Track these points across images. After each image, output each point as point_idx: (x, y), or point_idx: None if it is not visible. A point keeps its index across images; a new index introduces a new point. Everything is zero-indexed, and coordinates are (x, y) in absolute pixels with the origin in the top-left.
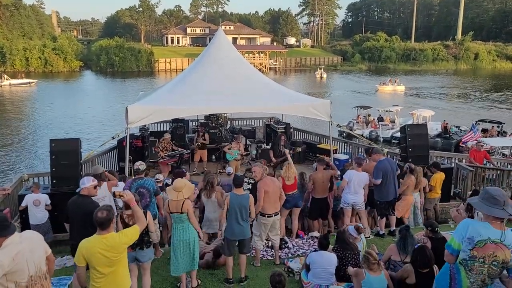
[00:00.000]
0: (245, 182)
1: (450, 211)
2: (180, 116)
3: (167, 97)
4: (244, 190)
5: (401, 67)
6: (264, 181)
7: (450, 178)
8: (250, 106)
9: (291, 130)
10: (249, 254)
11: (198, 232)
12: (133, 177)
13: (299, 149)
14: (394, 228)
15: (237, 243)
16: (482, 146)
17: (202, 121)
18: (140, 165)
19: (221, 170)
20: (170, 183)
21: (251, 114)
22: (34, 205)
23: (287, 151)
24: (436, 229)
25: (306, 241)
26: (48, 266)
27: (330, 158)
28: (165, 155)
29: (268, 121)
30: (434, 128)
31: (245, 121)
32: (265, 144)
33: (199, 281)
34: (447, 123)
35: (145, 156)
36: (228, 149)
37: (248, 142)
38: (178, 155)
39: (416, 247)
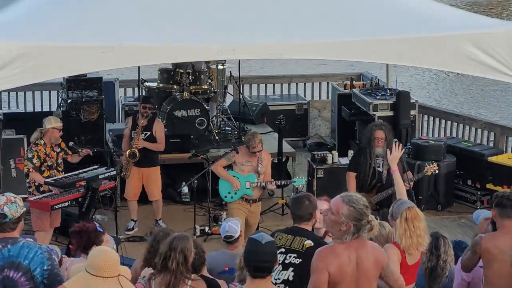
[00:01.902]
0: (280, 254)
1: None
2: (95, 68)
3: (54, 15)
4: (275, 282)
5: None
6: (331, 250)
7: None
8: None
9: (412, 114)
10: None
11: None
12: None
13: (433, 169)
14: None
15: None
16: None
17: (153, 85)
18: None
19: (204, 229)
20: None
21: (303, 66)
22: None
23: (409, 174)
24: None
25: None
26: None
27: None
28: (46, 181)
29: (342, 85)
30: None
31: (278, 86)
32: (335, 149)
33: None
34: None
35: None
36: (226, 165)
37: (287, 146)
38: (85, 183)
39: None
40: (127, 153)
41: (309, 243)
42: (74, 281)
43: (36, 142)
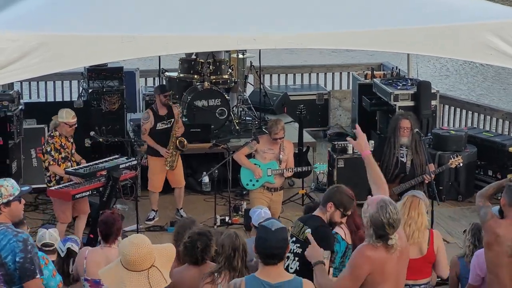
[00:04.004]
0: (292, 243)
1: None
2: (115, 58)
3: (74, 5)
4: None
5: None
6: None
7: None
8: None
9: (433, 104)
10: None
11: None
12: None
13: (458, 162)
14: None
15: None
16: None
17: (174, 75)
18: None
19: (224, 219)
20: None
21: (321, 56)
22: None
23: (429, 166)
24: None
25: None
26: None
27: None
28: (67, 171)
29: (363, 75)
30: None
31: (298, 76)
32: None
33: None
34: None
35: (10, 172)
36: (247, 154)
37: (307, 136)
38: (106, 173)
39: None
40: (175, 143)
41: (308, 231)
42: (108, 273)
43: (52, 134)
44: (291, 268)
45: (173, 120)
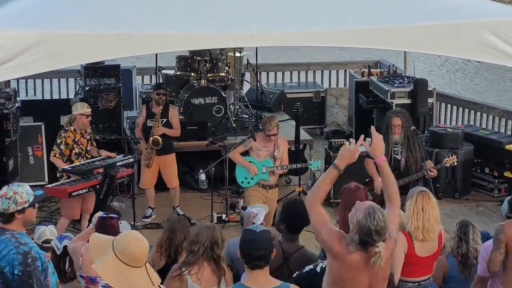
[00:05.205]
0: None
1: None
2: (113, 56)
3: (71, 3)
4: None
5: None
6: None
7: None
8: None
9: (429, 102)
10: None
11: None
12: None
13: (452, 161)
14: None
15: None
16: None
17: (170, 73)
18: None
19: (221, 217)
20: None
21: (317, 53)
22: None
23: (427, 163)
24: None
25: None
26: None
27: None
28: (64, 168)
29: (360, 73)
30: None
31: (295, 74)
32: (352, 137)
33: None
34: None
35: (7, 169)
36: (242, 151)
37: (304, 134)
38: (102, 170)
39: None
40: (150, 141)
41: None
42: (105, 267)
43: (66, 128)
44: None
45: (165, 120)
